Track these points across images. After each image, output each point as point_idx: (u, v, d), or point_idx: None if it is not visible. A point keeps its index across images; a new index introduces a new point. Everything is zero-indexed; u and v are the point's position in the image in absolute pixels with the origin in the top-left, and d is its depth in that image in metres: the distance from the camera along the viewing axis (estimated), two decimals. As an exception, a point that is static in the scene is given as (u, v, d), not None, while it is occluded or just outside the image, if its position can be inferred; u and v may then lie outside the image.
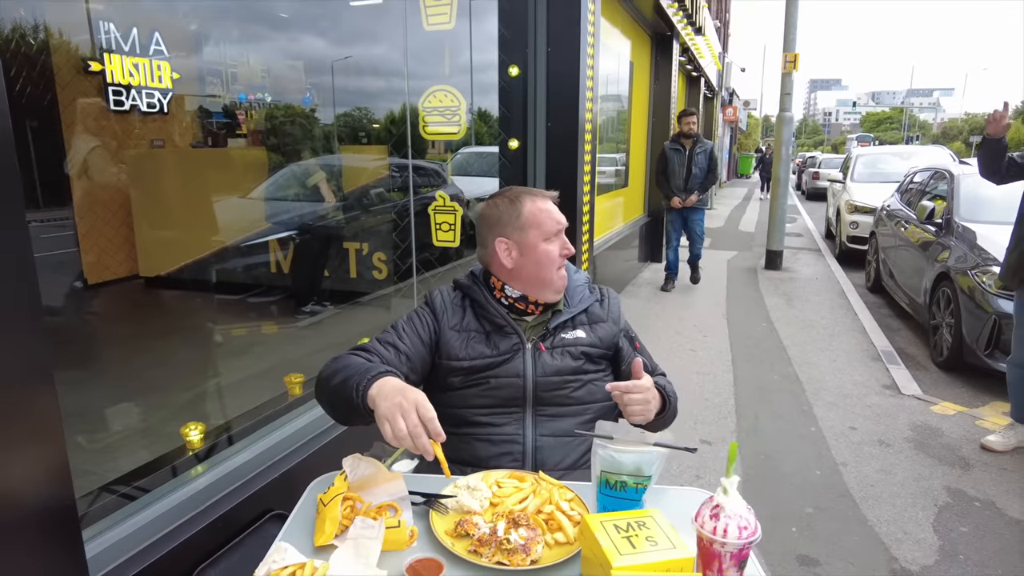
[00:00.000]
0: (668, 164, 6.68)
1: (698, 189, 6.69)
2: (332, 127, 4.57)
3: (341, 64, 4.34)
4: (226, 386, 2.88)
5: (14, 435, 1.00)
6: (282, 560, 1.08)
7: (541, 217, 1.53)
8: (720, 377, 4.43)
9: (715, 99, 17.82)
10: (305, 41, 4.03)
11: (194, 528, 1.62)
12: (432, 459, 1.18)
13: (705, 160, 6.65)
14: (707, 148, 6.68)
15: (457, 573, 1.10)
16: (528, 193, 1.58)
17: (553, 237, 1.54)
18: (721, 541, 1.03)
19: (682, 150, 6.65)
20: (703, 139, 6.72)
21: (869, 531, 2.67)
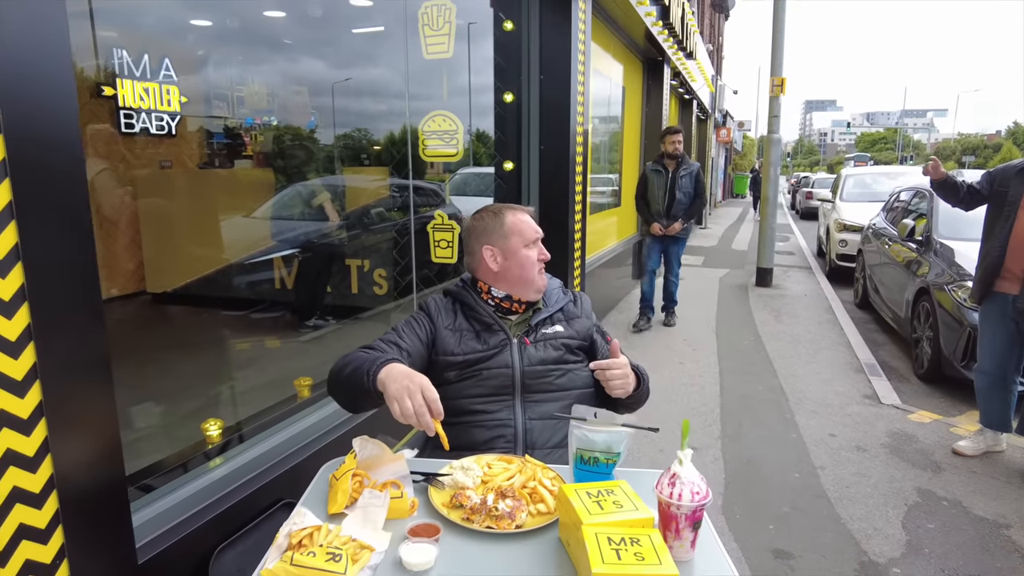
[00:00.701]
0: (648, 187, 6.01)
1: (682, 216, 5.95)
2: (331, 148, 4.77)
3: (343, 87, 4.56)
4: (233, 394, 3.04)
5: (82, 419, 1.18)
6: (302, 522, 1.25)
7: (521, 226, 1.77)
8: (707, 388, 4.60)
9: (708, 121, 18.17)
10: (309, 65, 4.24)
11: (214, 512, 1.78)
12: (433, 434, 1.37)
13: (690, 184, 5.90)
14: (692, 170, 5.94)
15: (452, 536, 1.28)
16: (508, 207, 1.82)
17: (532, 244, 1.77)
18: (677, 504, 1.21)
19: (664, 172, 5.92)
20: (689, 160, 6.00)
21: (842, 528, 2.84)
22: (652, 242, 6.19)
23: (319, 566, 1.11)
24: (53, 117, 1.10)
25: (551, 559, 1.23)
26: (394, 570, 1.18)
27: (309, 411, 2.43)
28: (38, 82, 1.07)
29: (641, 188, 6.12)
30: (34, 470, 1.12)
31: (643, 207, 6.12)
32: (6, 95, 1.02)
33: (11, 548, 1.10)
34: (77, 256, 1.16)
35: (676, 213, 5.94)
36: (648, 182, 6.01)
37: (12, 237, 1.05)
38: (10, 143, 1.03)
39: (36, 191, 1.08)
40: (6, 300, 1.07)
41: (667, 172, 5.92)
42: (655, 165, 6.00)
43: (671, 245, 6.13)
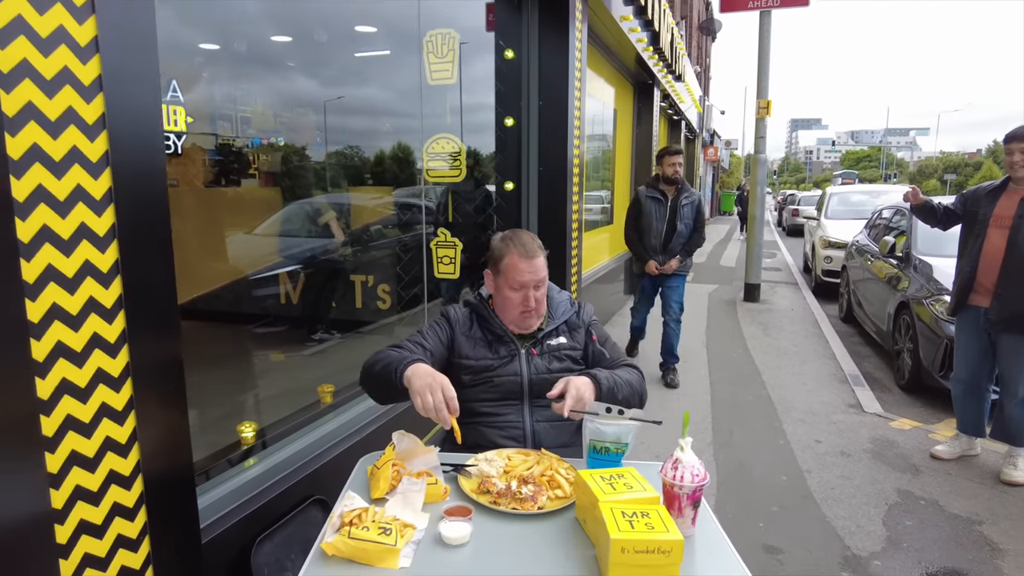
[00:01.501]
0: (643, 216, 5.04)
1: (681, 252, 5.02)
2: (327, 165, 4.92)
3: (352, 109, 4.74)
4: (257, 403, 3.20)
5: (162, 412, 1.36)
6: (351, 505, 1.43)
7: (511, 272, 1.86)
8: (699, 398, 4.80)
9: (696, 140, 18.57)
10: (314, 87, 4.41)
11: (254, 506, 1.95)
12: (449, 428, 1.56)
13: (692, 214, 5.00)
14: (695, 199, 5.06)
15: (482, 517, 1.46)
16: (518, 245, 1.87)
17: (517, 288, 1.86)
18: (679, 485, 1.40)
19: (663, 200, 4.97)
20: (689, 187, 5.10)
21: (827, 525, 3.03)
22: (646, 283, 5.25)
23: (374, 539, 1.29)
24: (146, 153, 1.29)
25: (570, 535, 1.41)
26: (434, 544, 1.36)
27: (329, 417, 2.60)
28: (137, 124, 1.26)
29: (633, 217, 5.14)
30: (125, 456, 1.30)
31: (634, 239, 5.13)
32: (117, 140, 1.21)
33: (107, 523, 1.27)
34: (162, 273, 1.35)
35: (674, 248, 5.00)
36: (642, 210, 5.03)
37: (114, 254, 1.24)
38: (116, 177, 1.22)
39: (132, 217, 1.27)
40: (108, 307, 1.25)
41: (666, 200, 4.97)
42: (651, 191, 5.02)
43: (669, 285, 5.14)
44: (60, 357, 1.16)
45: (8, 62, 1.03)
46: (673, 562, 1.23)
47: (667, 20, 7.98)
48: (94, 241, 1.20)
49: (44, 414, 1.14)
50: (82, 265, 1.19)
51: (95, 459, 1.23)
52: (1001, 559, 2.75)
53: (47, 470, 1.15)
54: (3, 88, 1.03)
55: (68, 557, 1.20)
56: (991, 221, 3.46)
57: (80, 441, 1.21)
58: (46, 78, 1.09)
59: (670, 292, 5.17)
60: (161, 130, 1.31)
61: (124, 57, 1.20)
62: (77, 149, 1.16)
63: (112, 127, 1.20)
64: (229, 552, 1.77)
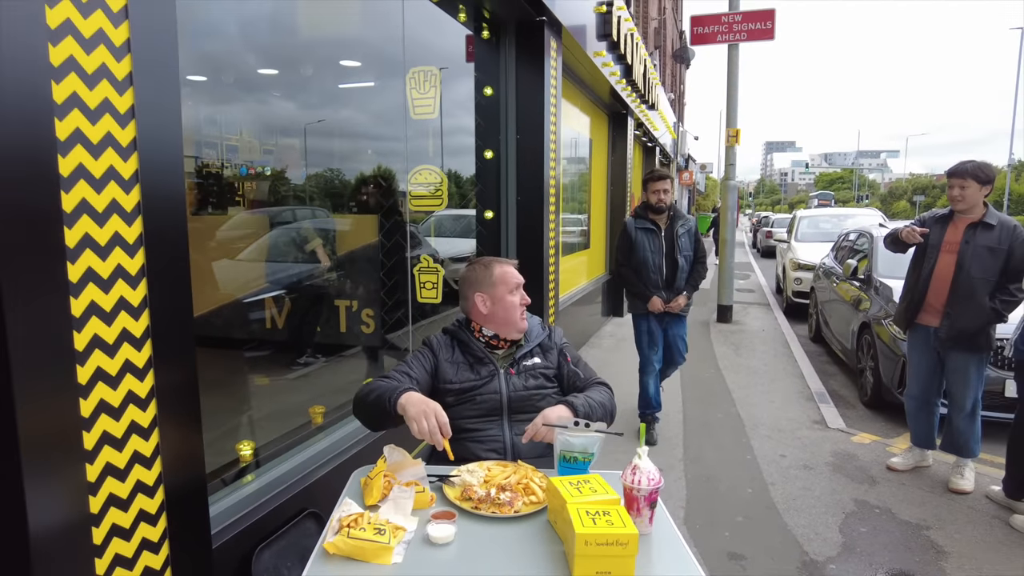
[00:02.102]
0: (637, 251, 4.42)
1: (687, 287, 4.46)
2: (307, 191, 5.07)
3: (337, 138, 4.92)
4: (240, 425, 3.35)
5: (181, 427, 1.54)
6: (348, 510, 1.61)
7: (506, 277, 2.14)
8: (671, 416, 5.02)
9: (671, 165, 19.06)
10: (300, 117, 4.58)
11: (253, 518, 2.11)
12: (442, 449, 1.75)
13: (690, 243, 4.48)
14: (691, 226, 4.55)
15: (465, 520, 1.65)
16: (496, 260, 2.20)
17: (515, 290, 2.15)
18: (637, 488, 1.60)
19: (656, 230, 4.41)
20: (683, 213, 4.61)
21: (788, 534, 3.24)
22: (651, 324, 4.56)
23: (370, 538, 1.47)
24: (171, 204, 1.48)
25: (542, 535, 1.61)
26: (423, 543, 1.54)
27: (319, 437, 2.77)
28: (165, 175, 1.46)
29: (625, 251, 4.53)
30: (150, 467, 1.47)
31: (631, 277, 4.50)
32: (148, 193, 1.41)
33: (134, 527, 1.44)
34: (182, 307, 1.53)
35: (679, 284, 4.43)
36: (634, 245, 4.43)
37: (143, 291, 1.43)
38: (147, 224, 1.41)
39: (159, 259, 1.46)
40: (137, 336, 1.43)
41: (660, 230, 4.42)
42: (641, 222, 4.44)
43: (673, 325, 4.57)
44: (99, 381, 1.34)
45: (61, 94, 1.23)
46: (630, 553, 1.43)
47: (640, 53, 8.34)
48: (127, 280, 1.39)
49: (85, 430, 1.31)
50: (117, 300, 1.37)
51: (125, 470, 1.41)
52: (945, 560, 2.98)
53: (87, 479, 1.32)
54: (57, 116, 1.23)
55: (102, 556, 1.36)
56: (942, 246, 3.71)
57: (113, 454, 1.38)
58: (90, 107, 1.29)
59: (675, 334, 4.58)
60: (183, 180, 1.51)
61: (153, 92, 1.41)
62: (116, 201, 1.35)
63: (144, 181, 1.40)
64: (234, 559, 1.93)
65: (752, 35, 8.67)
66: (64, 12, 1.22)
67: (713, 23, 8.75)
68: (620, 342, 7.79)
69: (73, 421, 1.28)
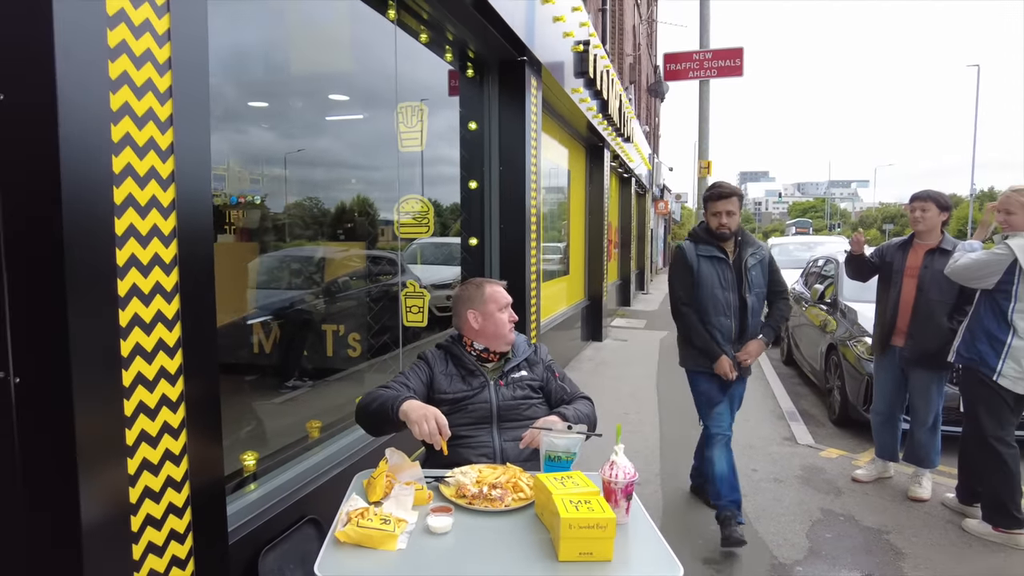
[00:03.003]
0: (701, 287, 3.39)
1: (765, 332, 3.55)
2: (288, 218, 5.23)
3: (322, 168, 5.07)
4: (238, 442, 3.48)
5: (205, 427, 1.71)
6: (355, 504, 1.78)
7: (496, 295, 2.37)
8: (649, 435, 5.22)
9: (647, 196, 19.55)
10: (286, 148, 4.74)
11: (259, 522, 2.26)
12: (439, 448, 1.94)
13: (762, 276, 3.50)
14: (764, 255, 3.53)
15: (460, 514, 1.83)
16: (487, 281, 2.44)
17: (504, 308, 2.37)
18: (615, 481, 1.80)
19: (724, 259, 3.40)
20: (752, 237, 3.55)
21: (759, 540, 3.44)
22: (716, 385, 3.53)
23: (377, 527, 1.65)
24: (201, 230, 1.68)
25: (530, 526, 1.79)
26: (423, 533, 1.72)
27: (317, 450, 2.92)
28: (197, 205, 1.65)
29: (686, 287, 3.44)
30: (178, 464, 1.63)
31: (694, 324, 3.44)
32: (184, 219, 1.60)
33: (164, 519, 1.60)
34: (208, 321, 1.72)
35: (752, 329, 3.48)
36: (699, 278, 3.37)
37: (176, 305, 1.61)
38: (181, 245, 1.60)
39: (189, 277, 1.64)
40: (171, 346, 1.61)
41: (727, 259, 3.39)
42: (705, 249, 3.40)
43: (736, 385, 3.61)
44: (139, 384, 1.51)
45: (117, 133, 1.43)
46: (609, 535, 1.62)
47: (615, 88, 8.72)
48: (164, 295, 1.57)
49: (127, 428, 1.48)
50: (155, 314, 1.55)
51: (158, 465, 1.57)
52: (903, 562, 3.19)
53: (128, 472, 1.48)
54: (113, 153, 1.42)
55: (138, 543, 1.52)
56: (905, 271, 3.98)
57: (149, 451, 1.54)
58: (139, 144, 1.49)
59: (736, 389, 3.63)
60: (211, 212, 1.70)
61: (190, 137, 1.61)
62: (156, 227, 1.55)
63: (180, 209, 1.60)
64: (245, 556, 2.08)
65: (722, 72, 9.13)
66: (121, 66, 1.43)
67: (685, 60, 9.20)
68: (599, 366, 8.00)
69: (118, 419, 1.45)
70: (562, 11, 5.61)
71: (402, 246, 6.33)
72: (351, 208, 4.92)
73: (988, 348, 3.27)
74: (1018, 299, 3.20)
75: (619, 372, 7.64)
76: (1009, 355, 3.22)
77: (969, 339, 3.40)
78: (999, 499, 3.33)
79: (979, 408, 3.37)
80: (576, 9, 6.16)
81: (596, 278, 9.81)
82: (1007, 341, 3.22)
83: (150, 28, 1.50)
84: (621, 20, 13.62)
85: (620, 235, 13.94)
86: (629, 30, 15.23)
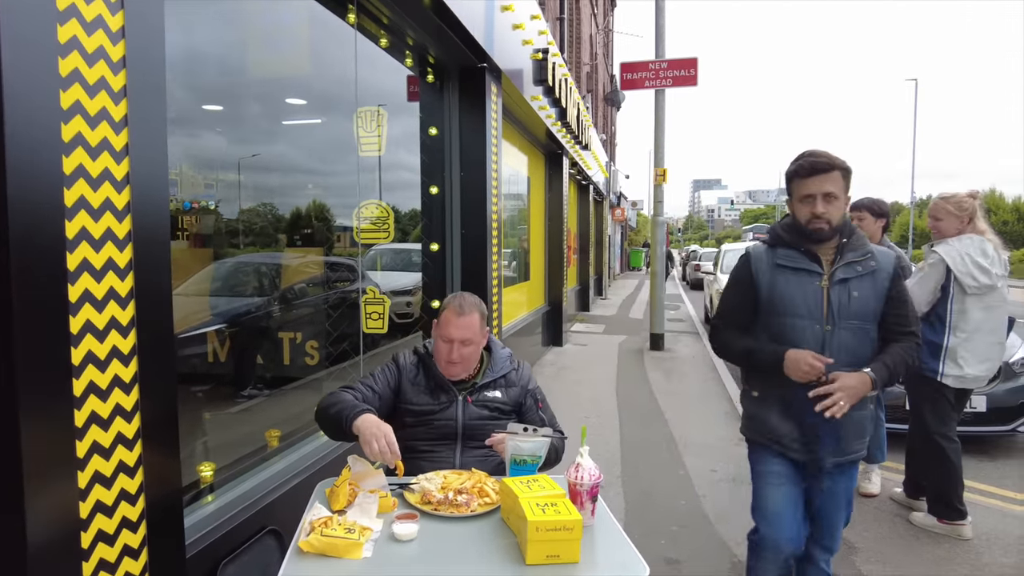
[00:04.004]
0: (773, 314, 2.26)
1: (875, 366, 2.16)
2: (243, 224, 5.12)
3: (279, 172, 4.96)
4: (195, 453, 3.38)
5: (160, 440, 1.66)
6: (319, 513, 1.74)
7: (444, 325, 2.18)
8: (610, 438, 5.27)
9: (604, 203, 19.80)
10: (241, 152, 4.63)
11: (219, 533, 2.19)
12: (393, 467, 1.91)
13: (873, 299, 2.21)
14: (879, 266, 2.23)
15: (426, 521, 1.81)
16: (454, 304, 2.18)
17: (447, 342, 2.16)
18: (580, 483, 1.81)
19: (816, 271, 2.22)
20: (863, 239, 2.28)
21: (719, 539, 3.50)
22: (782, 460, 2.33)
23: (342, 535, 1.62)
24: (157, 234, 1.63)
25: (497, 530, 1.78)
26: (389, 541, 1.69)
27: (277, 459, 2.86)
28: (152, 218, 1.60)
29: (737, 313, 2.40)
30: (132, 477, 1.57)
31: (732, 339, 2.40)
32: (139, 223, 1.55)
33: (117, 533, 1.54)
34: (165, 328, 1.67)
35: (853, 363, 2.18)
36: (770, 299, 2.27)
37: (132, 311, 1.56)
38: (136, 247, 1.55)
39: (146, 281, 1.59)
40: (125, 353, 1.55)
41: (820, 268, 2.24)
42: (788, 253, 2.27)
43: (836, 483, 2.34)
44: (91, 393, 1.45)
45: (68, 133, 1.37)
46: (575, 537, 1.63)
47: (573, 96, 8.81)
48: (119, 300, 1.52)
49: (78, 439, 1.42)
50: (109, 320, 1.49)
51: (111, 478, 1.51)
52: (855, 555, 3.29)
53: (79, 485, 1.42)
54: (63, 153, 1.37)
55: (88, 560, 1.45)
56: None
57: (101, 463, 1.48)
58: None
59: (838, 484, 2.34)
60: (168, 215, 1.66)
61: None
62: (111, 230, 1.49)
63: (136, 212, 1.55)
64: (203, 570, 2.02)
65: (677, 81, 9.30)
66: (72, 63, 1.38)
67: (641, 69, 9.35)
68: (560, 371, 8.05)
69: (68, 430, 1.39)
70: (521, 19, 5.65)
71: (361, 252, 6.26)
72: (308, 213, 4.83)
73: (928, 353, 3.37)
74: (954, 300, 3.38)
75: (580, 377, 7.70)
76: (947, 356, 3.37)
77: None
78: (943, 493, 3.47)
79: (924, 407, 3.51)
80: (535, 17, 6.21)
81: (556, 283, 9.87)
82: (943, 344, 3.38)
83: (103, 25, 1.45)
84: (578, 29, 13.80)
85: (579, 241, 14.07)
86: (586, 39, 15.44)
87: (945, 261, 3.34)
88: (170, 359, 1.68)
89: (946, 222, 3.45)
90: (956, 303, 3.37)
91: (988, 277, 3.30)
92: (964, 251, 3.32)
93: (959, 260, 3.31)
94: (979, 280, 3.29)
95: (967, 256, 3.31)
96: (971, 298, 3.34)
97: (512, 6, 5.26)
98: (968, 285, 3.30)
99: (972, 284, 3.30)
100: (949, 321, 3.37)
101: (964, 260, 3.30)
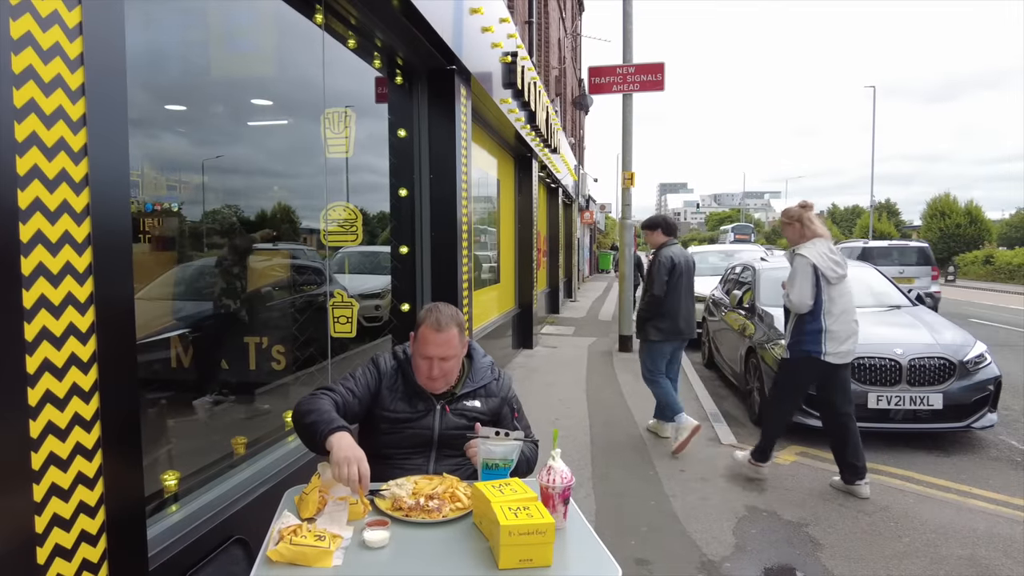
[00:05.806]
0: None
1: None
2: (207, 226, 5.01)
3: (243, 174, 4.85)
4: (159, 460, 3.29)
5: (121, 452, 1.61)
6: (288, 521, 1.71)
7: (421, 343, 2.12)
8: (579, 439, 5.29)
9: (573, 206, 19.92)
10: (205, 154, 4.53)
11: (185, 543, 2.14)
12: (356, 497, 1.83)
13: None
14: None
15: (397, 527, 1.78)
16: (432, 318, 2.11)
17: (425, 359, 2.10)
18: (552, 486, 1.81)
19: None
20: None
21: (688, 539, 3.54)
22: None
23: (311, 543, 1.59)
24: (119, 240, 1.58)
25: (469, 535, 1.77)
26: (359, 549, 1.67)
27: (244, 466, 2.80)
28: (113, 191, 1.56)
29: None
30: (92, 488, 1.52)
31: None
32: (98, 227, 1.50)
33: (75, 548, 1.48)
34: (126, 335, 1.62)
35: None
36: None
37: (91, 317, 1.51)
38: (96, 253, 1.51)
39: (106, 288, 1.54)
40: (84, 361, 1.50)
41: None
42: None
43: None
44: (48, 403, 1.40)
45: (22, 132, 1.33)
46: (548, 540, 1.62)
47: (542, 100, 8.84)
48: (77, 306, 1.47)
49: (33, 451, 1.37)
50: (67, 326, 1.44)
51: (69, 490, 1.46)
52: (820, 552, 3.36)
53: (34, 499, 1.37)
54: (17, 153, 1.32)
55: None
56: None
57: (58, 475, 1.43)
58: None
59: None
60: (129, 217, 1.61)
61: None
62: (68, 233, 1.44)
63: (95, 215, 1.50)
64: (166, 583, 1.96)
65: (644, 86, 9.40)
66: (26, 60, 1.33)
67: (609, 74, 9.43)
68: (531, 373, 8.05)
69: (22, 441, 1.34)
70: (490, 22, 5.65)
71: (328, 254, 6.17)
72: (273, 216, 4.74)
73: (810, 340, 4.00)
74: (823, 291, 3.97)
75: (550, 379, 7.71)
76: (828, 337, 3.97)
77: (797, 336, 4.08)
78: (851, 461, 4.09)
79: (834, 394, 4.12)
80: (504, 20, 6.22)
81: (526, 286, 9.88)
82: (822, 328, 3.98)
83: (59, 20, 1.40)
84: (547, 33, 13.86)
85: (548, 244, 14.12)
86: (555, 43, 15.52)
87: (811, 261, 3.94)
88: (132, 366, 1.63)
89: (786, 230, 4.28)
90: (824, 293, 3.97)
91: (842, 268, 4.00)
92: (820, 251, 3.99)
93: (820, 258, 3.96)
94: (837, 272, 3.97)
95: (824, 255, 3.98)
96: (833, 288, 3.98)
97: (481, 9, 5.25)
98: (832, 277, 3.96)
99: (834, 275, 3.96)
100: (822, 308, 3.98)
101: (823, 258, 3.97)
